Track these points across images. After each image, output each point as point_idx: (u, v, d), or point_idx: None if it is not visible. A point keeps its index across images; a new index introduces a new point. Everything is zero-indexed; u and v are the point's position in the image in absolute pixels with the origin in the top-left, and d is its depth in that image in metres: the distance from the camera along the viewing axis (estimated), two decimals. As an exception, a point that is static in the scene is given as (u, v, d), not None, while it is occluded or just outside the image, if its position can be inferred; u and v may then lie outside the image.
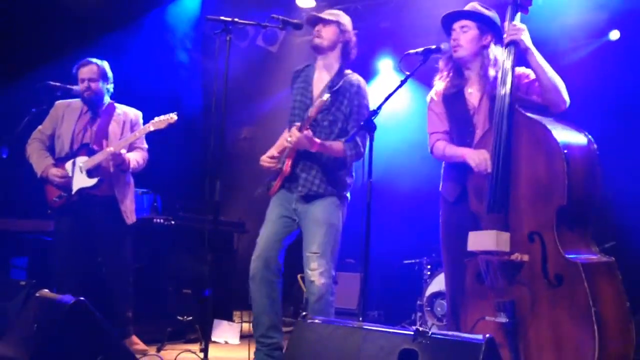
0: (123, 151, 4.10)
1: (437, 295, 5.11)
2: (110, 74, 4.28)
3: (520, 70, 3.01)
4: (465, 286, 2.89)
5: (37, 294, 3.06)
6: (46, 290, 3.10)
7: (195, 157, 6.39)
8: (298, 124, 3.37)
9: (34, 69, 5.08)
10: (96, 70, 4.20)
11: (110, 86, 4.29)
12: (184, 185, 6.11)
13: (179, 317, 4.60)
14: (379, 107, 2.91)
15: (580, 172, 2.65)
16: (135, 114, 4.36)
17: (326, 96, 3.24)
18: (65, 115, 4.23)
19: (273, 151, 3.58)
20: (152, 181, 5.03)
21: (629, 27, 5.34)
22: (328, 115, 3.43)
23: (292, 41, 6.89)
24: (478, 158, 2.88)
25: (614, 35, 5.49)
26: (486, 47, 3.11)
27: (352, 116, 3.44)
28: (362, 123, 2.97)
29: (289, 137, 3.35)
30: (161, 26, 6.08)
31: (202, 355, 3.28)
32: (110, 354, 2.78)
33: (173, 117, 4.02)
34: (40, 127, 4.25)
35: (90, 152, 4.11)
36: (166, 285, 4.95)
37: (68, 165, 4.11)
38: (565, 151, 2.60)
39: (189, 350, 3.94)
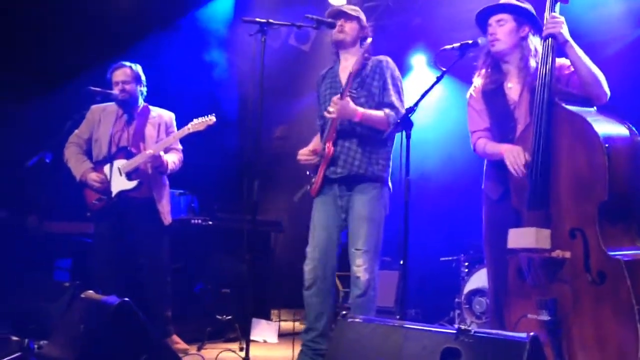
0: (161, 153, 4.15)
1: (475, 292, 5.05)
2: (143, 76, 4.34)
3: (561, 61, 2.95)
4: (508, 283, 2.85)
5: (82, 295, 3.11)
6: (91, 291, 3.14)
7: (232, 157, 6.44)
8: (338, 95, 3.35)
9: (74, 75, 5.19)
10: (130, 72, 4.26)
11: (144, 89, 4.35)
12: (220, 185, 6.15)
13: (218, 317, 4.65)
14: (416, 104, 2.88)
15: (623, 165, 2.59)
16: (169, 115, 4.41)
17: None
18: (102, 119, 4.29)
19: (310, 148, 3.58)
20: (189, 182, 5.08)
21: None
22: (363, 91, 3.44)
23: (324, 39, 6.87)
24: (513, 156, 2.83)
25: (655, 25, 5.35)
26: (524, 38, 3.06)
27: (386, 87, 3.44)
28: (398, 120, 2.95)
29: (331, 107, 3.33)
30: (196, 29, 6.14)
31: (242, 354, 3.31)
32: (154, 354, 2.82)
33: (212, 118, 4.07)
34: (76, 131, 4.31)
35: (129, 155, 4.17)
36: (205, 285, 5.00)
37: (106, 168, 4.16)
38: (606, 145, 2.54)
39: (229, 349, 3.98)
